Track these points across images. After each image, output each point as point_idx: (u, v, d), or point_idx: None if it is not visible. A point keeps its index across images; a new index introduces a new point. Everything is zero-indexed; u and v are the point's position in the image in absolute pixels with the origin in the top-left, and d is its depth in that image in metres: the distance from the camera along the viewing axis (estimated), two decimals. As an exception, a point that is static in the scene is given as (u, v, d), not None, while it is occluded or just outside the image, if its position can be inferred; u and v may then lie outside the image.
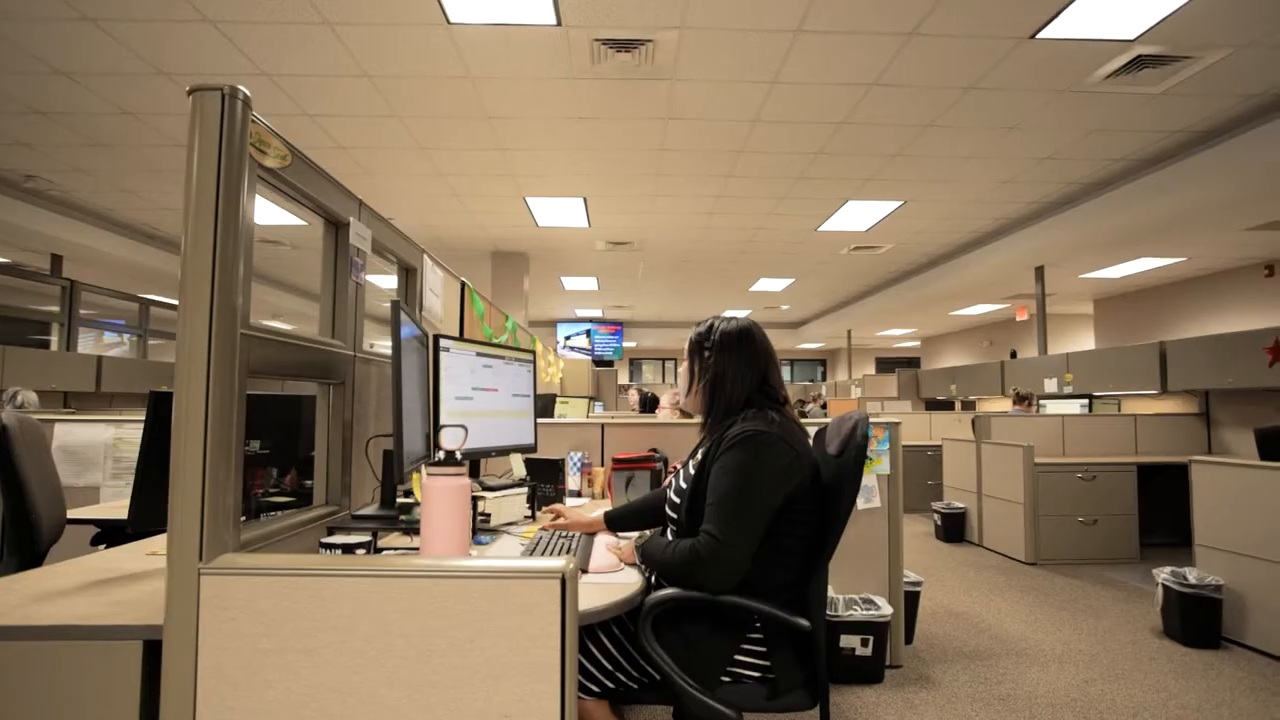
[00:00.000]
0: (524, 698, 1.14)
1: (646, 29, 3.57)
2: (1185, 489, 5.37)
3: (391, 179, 5.82)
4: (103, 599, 1.37)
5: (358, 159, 5.34)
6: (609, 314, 14.61)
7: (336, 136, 4.90)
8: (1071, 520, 4.91)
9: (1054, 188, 5.95)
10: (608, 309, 13.96)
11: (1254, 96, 4.28)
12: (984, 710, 2.59)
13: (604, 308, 13.79)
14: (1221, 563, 3.35)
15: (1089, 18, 3.41)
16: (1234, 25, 3.50)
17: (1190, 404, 5.63)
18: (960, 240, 7.86)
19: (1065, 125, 4.70)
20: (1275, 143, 4.45)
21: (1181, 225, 6.12)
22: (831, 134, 4.90)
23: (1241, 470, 3.30)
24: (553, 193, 6.28)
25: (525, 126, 4.79)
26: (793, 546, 1.58)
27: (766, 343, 1.76)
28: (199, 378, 1.18)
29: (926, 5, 3.32)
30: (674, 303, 13.11)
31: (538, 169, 5.65)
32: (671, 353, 20.85)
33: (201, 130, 1.20)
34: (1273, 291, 7.60)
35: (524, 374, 2.52)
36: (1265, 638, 3.18)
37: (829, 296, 12.23)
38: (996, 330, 13.31)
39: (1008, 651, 3.20)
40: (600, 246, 8.36)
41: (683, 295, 12.10)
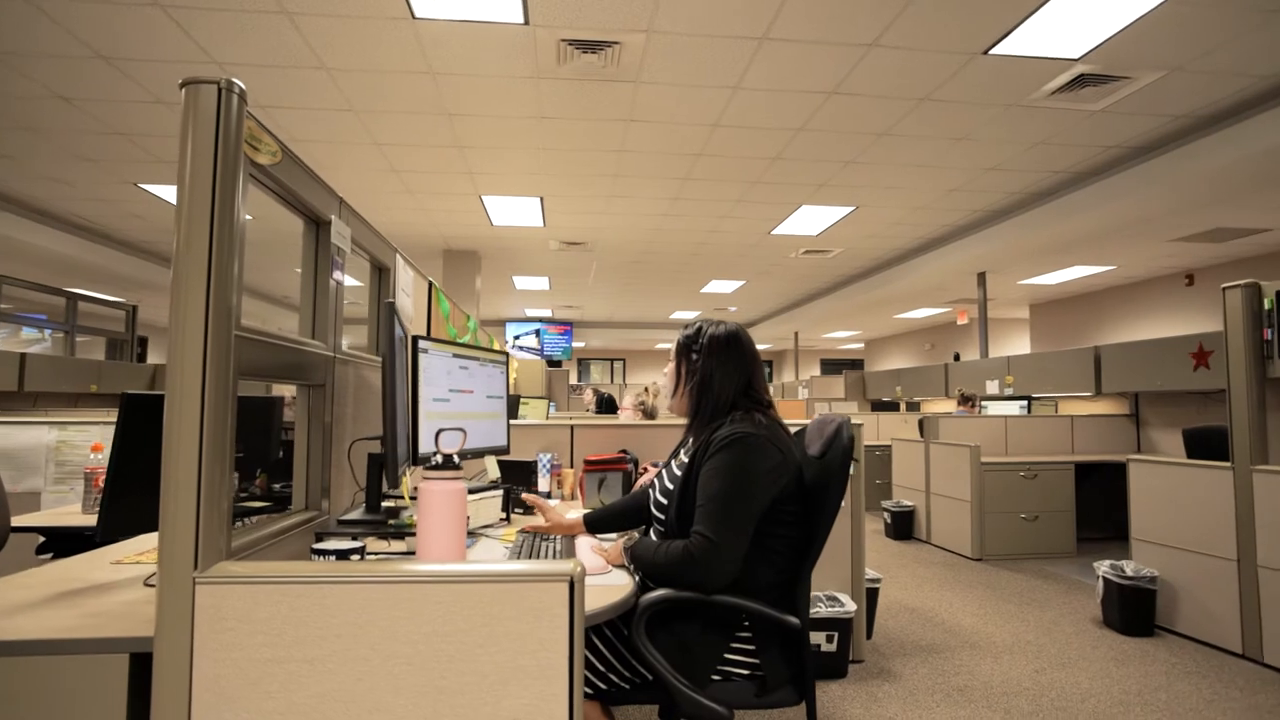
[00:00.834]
0: (533, 701, 1.14)
1: (614, 31, 3.58)
2: (1118, 486, 5.67)
3: (343, 174, 5.67)
4: (73, 611, 1.31)
5: (308, 153, 5.19)
6: (558, 314, 14.55)
7: (287, 129, 4.76)
8: (1014, 517, 5.13)
9: (998, 197, 6.19)
10: (557, 309, 13.90)
11: (1181, 117, 4.55)
12: (944, 701, 2.68)
13: (554, 307, 13.73)
14: (1156, 556, 3.54)
15: (1038, 36, 3.57)
16: (1167, 50, 3.71)
17: (1121, 405, 5.94)
18: (907, 246, 8.10)
19: (1011, 138, 4.90)
20: (1198, 161, 4.73)
21: (1113, 235, 6.45)
22: (789, 140, 5.00)
23: (1175, 468, 3.50)
24: (509, 192, 6.22)
25: (486, 124, 4.74)
26: (779, 546, 1.62)
27: (752, 347, 1.79)
28: (193, 380, 1.14)
29: (888, 17, 3.42)
30: (624, 303, 13.13)
31: (496, 167, 5.59)
32: (620, 353, 20.89)
33: (195, 125, 1.16)
34: (1192, 299, 8.07)
35: (498, 375, 2.50)
36: (1194, 625, 3.38)
37: (778, 299, 12.44)
38: (937, 333, 13.76)
39: (961, 644, 3.32)
40: (554, 246, 8.32)
41: (633, 296, 12.14)
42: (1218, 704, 2.70)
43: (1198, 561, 3.34)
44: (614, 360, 21.12)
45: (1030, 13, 3.36)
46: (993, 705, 2.65)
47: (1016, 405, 6.81)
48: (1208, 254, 7.43)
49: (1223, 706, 2.68)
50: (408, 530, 1.57)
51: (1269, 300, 3.09)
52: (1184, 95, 4.23)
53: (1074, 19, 3.41)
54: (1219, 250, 7.25)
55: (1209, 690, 2.82)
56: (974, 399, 6.76)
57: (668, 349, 14.04)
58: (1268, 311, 3.10)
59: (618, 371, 21.10)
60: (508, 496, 2.28)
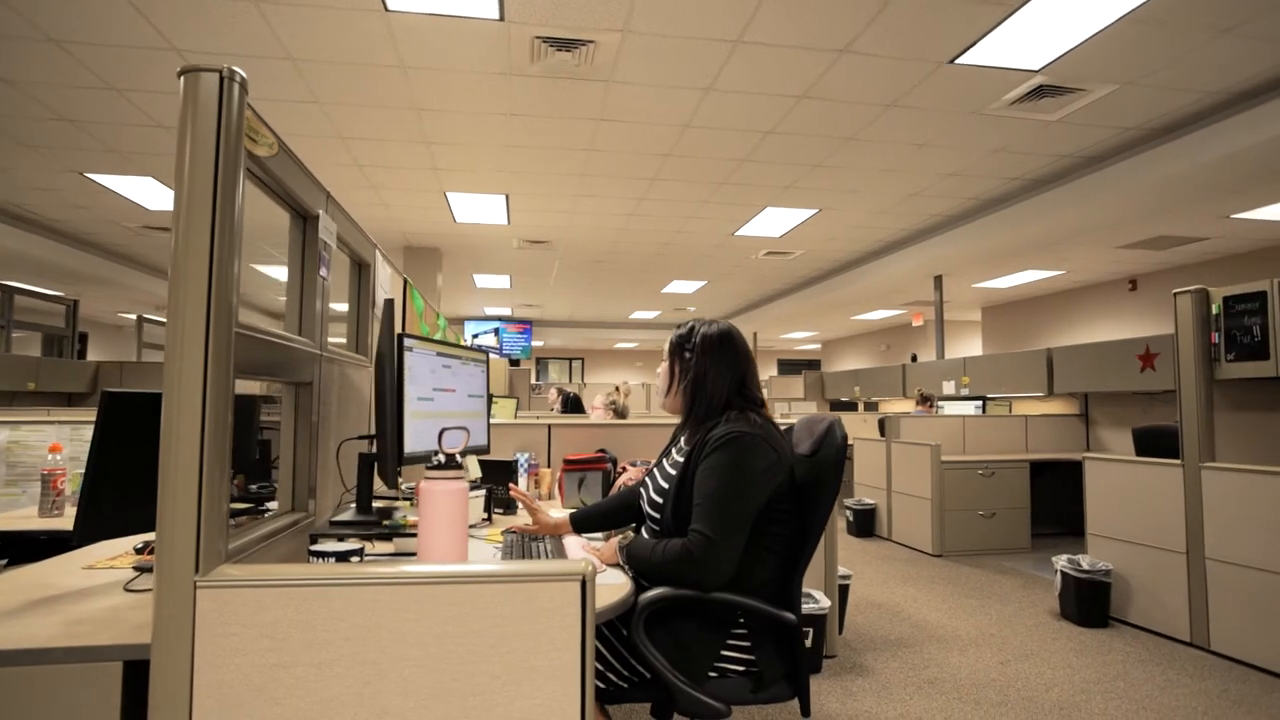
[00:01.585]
0: (545, 702, 1.14)
1: (590, 30, 3.57)
2: (1069, 483, 5.88)
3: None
4: (53, 619, 1.25)
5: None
6: (518, 312, 14.44)
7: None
8: (973, 514, 5.28)
9: (956, 202, 6.36)
10: (517, 307, 13.80)
11: (1130, 129, 4.74)
12: (916, 694, 2.75)
13: (513, 306, 13.62)
14: (1110, 550, 3.69)
15: (1002, 47, 3.67)
16: (1121, 64, 3.86)
17: (1072, 405, 6.16)
18: (867, 248, 8.26)
19: (971, 145, 5.04)
20: (1145, 171, 4.93)
21: (1063, 241, 6.69)
22: (758, 142, 5.05)
23: (1128, 466, 3.65)
24: (475, 189, 6.15)
25: (454, 120, 4.68)
26: (773, 545, 1.64)
27: (745, 346, 1.81)
28: (194, 378, 1.10)
29: (862, 23, 3.48)
30: (584, 302, 13.11)
31: (462, 164, 5.52)
32: (578, 352, 20.81)
33: (195, 116, 1.12)
34: (1135, 303, 8.41)
35: (479, 374, 2.47)
36: (1146, 616, 3.53)
37: (739, 300, 12.56)
38: (892, 335, 14.06)
39: (928, 638, 3.40)
40: (517, 244, 8.26)
41: (593, 295, 12.12)
42: (1171, 690, 2.82)
43: (1149, 555, 3.49)
44: (572, 359, 21.03)
45: (996, 24, 3.46)
46: (963, 697, 2.73)
47: (972, 405, 7.01)
48: (1150, 260, 7.76)
49: (1176, 692, 2.80)
50: (402, 531, 1.55)
51: (1216, 305, 3.25)
52: (1134, 108, 4.41)
53: (1036, 32, 3.53)
54: (1160, 257, 7.57)
55: (1162, 677, 2.95)
56: (932, 399, 6.94)
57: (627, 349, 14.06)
58: (1215, 316, 3.25)
59: (576, 371, 21.02)
60: (490, 496, 2.26)
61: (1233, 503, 3.14)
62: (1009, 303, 10.55)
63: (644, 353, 20.45)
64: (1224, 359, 3.22)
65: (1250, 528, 3.07)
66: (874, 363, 14.23)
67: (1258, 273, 6.97)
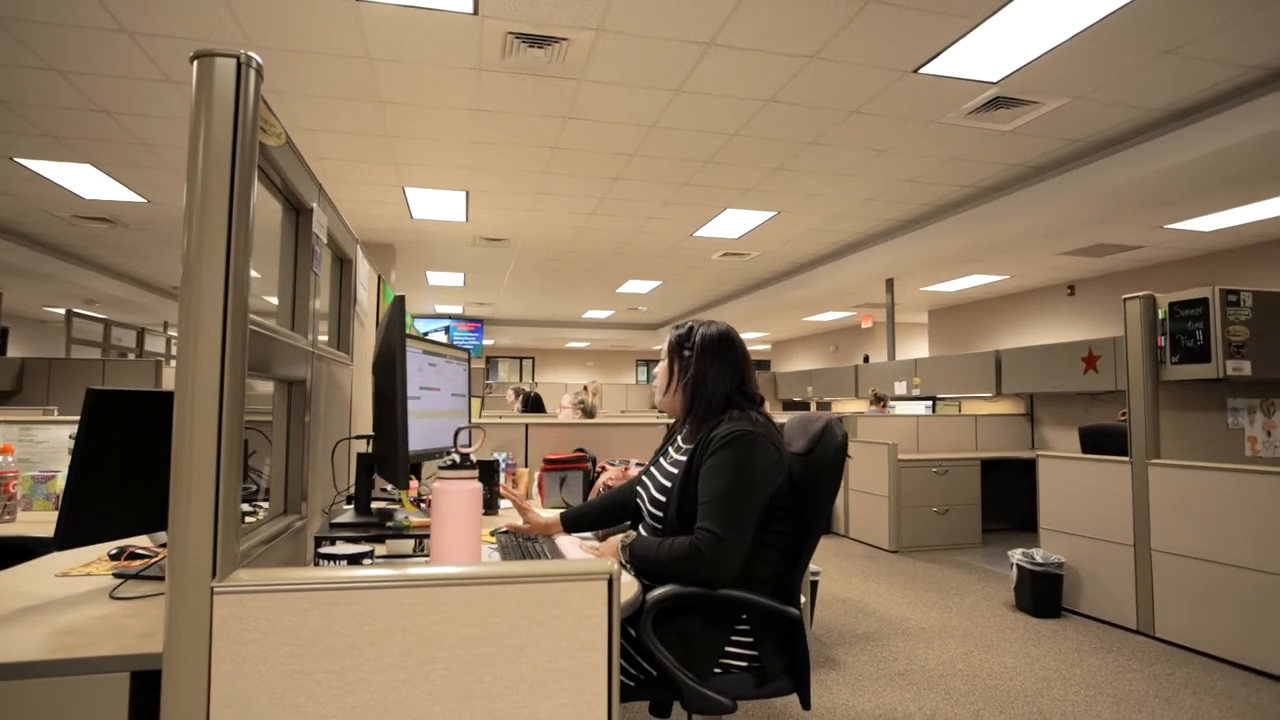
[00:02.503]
0: (572, 702, 1.13)
1: (564, 27, 3.55)
2: (1017, 480, 6.11)
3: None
4: (40, 630, 1.19)
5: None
6: (469, 310, 14.24)
7: (201, 108, 4.43)
8: (927, 510, 5.44)
9: (910, 207, 6.54)
10: (469, 305, 13.61)
11: (1077, 141, 4.95)
12: (888, 685, 2.82)
13: (465, 304, 13.43)
14: (1062, 543, 3.85)
15: (964, 58, 3.80)
16: (1072, 79, 4.03)
17: (1019, 405, 6.41)
18: (822, 251, 8.42)
19: (928, 152, 5.19)
20: (1088, 182, 5.17)
21: (1010, 247, 6.95)
22: (723, 144, 5.10)
23: (1079, 463, 3.82)
24: (435, 184, 6.05)
25: (418, 114, 4.59)
26: (774, 541, 1.66)
27: (743, 346, 1.83)
28: (211, 376, 1.05)
29: (833, 31, 3.55)
30: (536, 301, 13.01)
31: (423, 159, 5.42)
32: (529, 351, 20.65)
33: (210, 105, 1.07)
34: (1073, 308, 8.79)
35: (461, 373, 2.44)
36: (1096, 606, 3.70)
37: (692, 300, 12.65)
38: (841, 336, 14.37)
39: (894, 632, 3.49)
40: (474, 242, 8.15)
41: (547, 294, 12.04)
42: (1123, 675, 2.97)
43: (1099, 548, 3.66)
44: (523, 359, 20.85)
45: (960, 36, 3.58)
46: (932, 687, 2.81)
47: (922, 405, 7.22)
48: (1087, 267, 8.12)
49: (1128, 677, 2.95)
50: (406, 533, 1.51)
51: (1162, 310, 3.42)
52: (1081, 121, 4.61)
53: (997, 45, 3.66)
54: (1097, 264, 7.93)
55: (1114, 663, 3.10)
56: (885, 399, 7.12)
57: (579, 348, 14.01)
58: (1161, 320, 3.43)
59: (527, 370, 20.84)
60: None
61: (1176, 497, 3.32)
62: (955, 306, 10.91)
63: (596, 352, 20.42)
64: (1169, 361, 3.39)
65: (1192, 520, 3.25)
66: (823, 363, 14.52)
67: (1186, 280, 7.37)
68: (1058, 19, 3.42)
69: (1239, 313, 3.22)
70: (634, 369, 21.17)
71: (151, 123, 4.66)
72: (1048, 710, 2.62)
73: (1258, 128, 4.12)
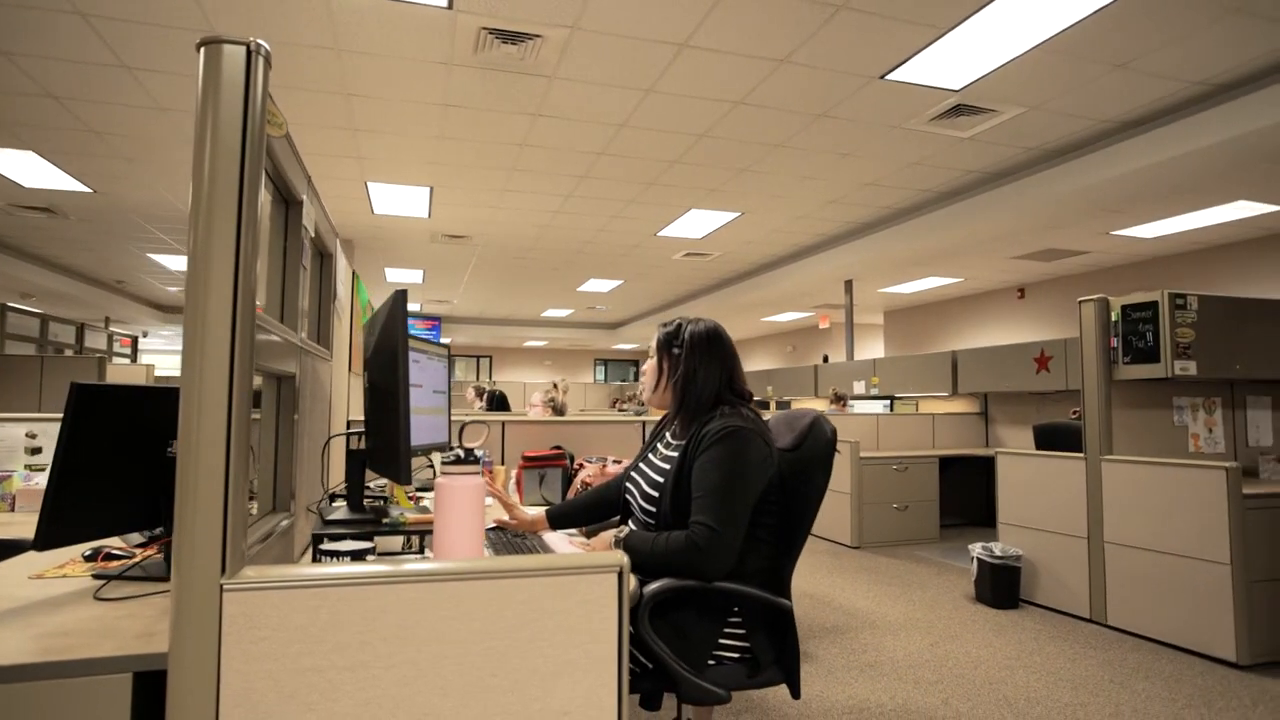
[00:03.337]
0: (583, 694, 1.14)
1: (539, 24, 3.54)
2: (972, 477, 6.30)
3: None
4: (30, 632, 1.15)
5: (176, 123, 4.71)
6: (427, 308, 14.05)
7: (155, 94, 4.29)
8: (887, 507, 5.57)
9: (870, 211, 6.69)
10: (427, 303, 13.43)
11: (1031, 149, 5.14)
12: (860, 676, 2.89)
13: (423, 301, 13.25)
14: (1020, 537, 3.99)
15: (929, 66, 3.91)
16: (1029, 89, 4.18)
17: (973, 404, 6.61)
18: (783, 252, 8.54)
19: (890, 157, 5.31)
20: (1041, 188, 5.36)
21: (965, 250, 7.16)
22: (691, 145, 5.14)
23: (1036, 460, 3.97)
24: (399, 179, 5.96)
25: (386, 108, 4.52)
26: (764, 535, 1.70)
27: (731, 343, 1.86)
28: (219, 370, 1.03)
29: (804, 36, 3.61)
30: (496, 299, 12.91)
31: (388, 153, 5.34)
32: (487, 350, 20.43)
33: (219, 94, 1.05)
34: (1022, 311, 9.10)
35: (441, 370, 2.41)
36: (1051, 596, 3.84)
37: (652, 300, 12.70)
38: (798, 336, 14.59)
39: (861, 624, 3.58)
40: (435, 238, 8.05)
41: (506, 292, 11.96)
42: (1079, 661, 3.10)
43: (1055, 540, 3.81)
44: (480, 357, 20.63)
45: (927, 44, 3.68)
46: (902, 677, 2.89)
47: (880, 404, 7.38)
48: (1037, 271, 8.41)
49: (1083, 664, 3.08)
50: (403, 529, 1.50)
51: (1115, 313, 3.58)
52: (1036, 130, 4.78)
53: (960, 54, 3.77)
54: (1046, 268, 8.23)
55: (1071, 651, 3.23)
56: (845, 398, 7.26)
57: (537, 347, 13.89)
58: (1114, 322, 3.58)
59: (484, 369, 20.63)
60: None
61: (1127, 491, 3.47)
62: (910, 307, 11.18)
63: (554, 351, 20.33)
64: (1121, 361, 3.55)
65: (1142, 513, 3.41)
66: (780, 363, 14.72)
67: (1128, 285, 7.69)
68: (1018, 31, 3.54)
69: (1185, 315, 3.39)
70: (592, 368, 21.14)
71: (103, 109, 4.48)
72: (1011, 697, 2.72)
73: (1197, 141, 4.34)
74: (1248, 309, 3.61)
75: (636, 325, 15.28)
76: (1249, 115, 4.06)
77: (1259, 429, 3.93)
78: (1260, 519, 3.16)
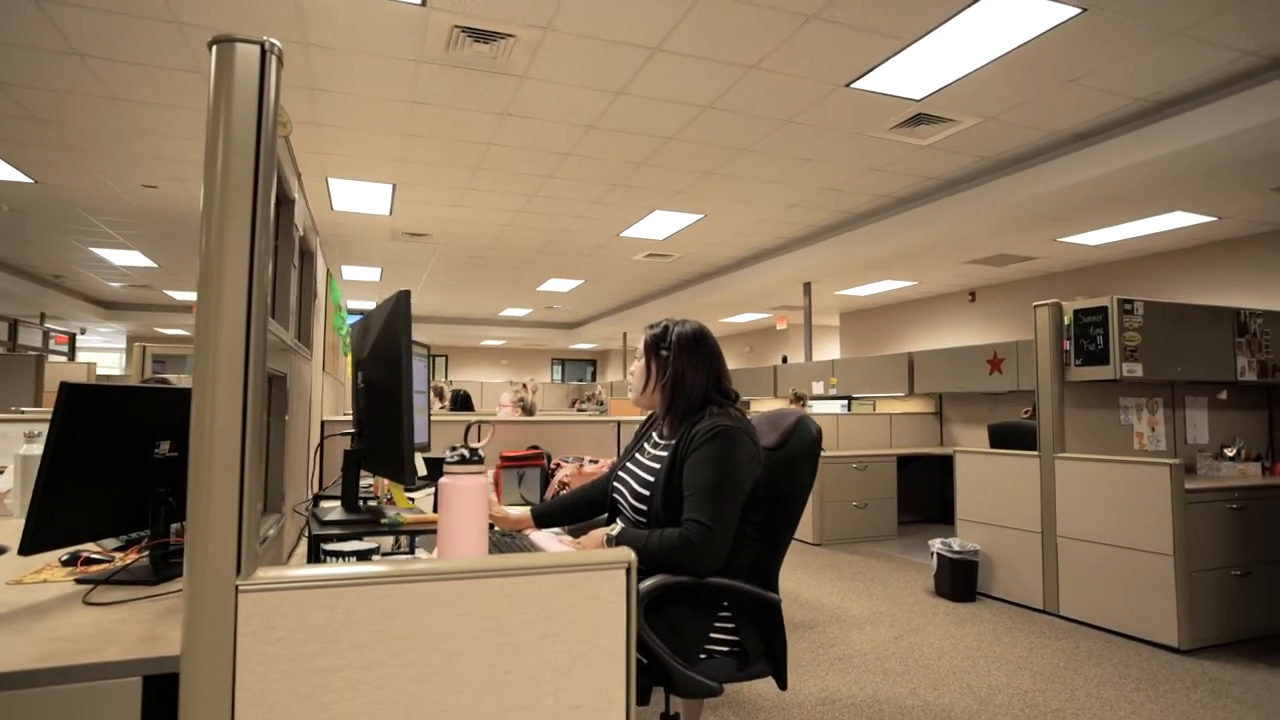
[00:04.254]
0: (594, 688, 1.17)
1: (513, 24, 3.54)
2: (928, 475, 6.49)
3: (172, 142, 5.03)
4: (28, 638, 1.12)
5: (133, 113, 4.55)
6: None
7: (108, 83, 4.14)
8: (848, 505, 5.71)
9: (830, 215, 6.83)
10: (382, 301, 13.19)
11: (986, 158, 5.32)
12: (831, 669, 2.97)
13: (379, 299, 12.99)
14: (977, 532, 4.14)
15: (893, 76, 4.02)
16: (986, 100, 4.34)
17: (929, 404, 6.81)
18: (743, 254, 8.66)
19: (851, 163, 5.45)
20: (995, 196, 5.57)
21: (920, 254, 7.36)
22: (658, 147, 5.19)
23: (993, 458, 4.12)
24: (361, 176, 5.86)
25: (351, 103, 4.45)
26: (752, 532, 1.75)
27: (716, 344, 1.90)
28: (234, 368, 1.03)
29: (774, 43, 3.69)
30: (453, 298, 12.77)
31: (351, 149, 5.25)
32: (440, 349, 20.17)
33: (232, 94, 1.04)
34: (973, 313, 9.40)
35: (421, 370, 2.40)
36: (1007, 589, 4.00)
37: (611, 300, 12.72)
38: (756, 337, 14.78)
39: (828, 619, 3.67)
40: (395, 236, 7.93)
41: (464, 291, 11.84)
42: (1036, 651, 3.24)
43: (1010, 535, 3.96)
44: (435, 357, 20.35)
45: (892, 54, 3.79)
46: (871, 669, 2.98)
47: (839, 404, 7.55)
48: (988, 275, 8.70)
49: (1040, 652, 3.21)
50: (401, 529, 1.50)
51: (1068, 317, 3.74)
52: (991, 140, 4.96)
53: (923, 65, 3.89)
54: (997, 273, 8.52)
55: (1027, 640, 3.37)
56: (804, 398, 7.39)
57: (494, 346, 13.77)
58: (1067, 326, 3.75)
59: (439, 369, 20.36)
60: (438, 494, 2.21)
61: (1078, 487, 3.64)
62: (865, 310, 11.44)
63: (511, 350, 20.18)
64: (1073, 363, 3.72)
65: (1091, 508, 3.58)
66: (739, 364, 14.89)
67: (1073, 290, 8.02)
68: (978, 45, 3.68)
69: (1133, 320, 3.56)
70: (549, 368, 21.05)
71: (50, 98, 4.31)
72: (975, 685, 2.83)
73: (1139, 155, 4.56)
74: (1189, 314, 3.82)
75: (595, 325, 15.28)
76: (1187, 132, 4.28)
77: (1196, 427, 4.15)
78: (1200, 512, 3.35)
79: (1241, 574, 3.42)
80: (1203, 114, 4.21)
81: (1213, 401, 4.18)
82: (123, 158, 5.34)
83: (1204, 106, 4.20)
